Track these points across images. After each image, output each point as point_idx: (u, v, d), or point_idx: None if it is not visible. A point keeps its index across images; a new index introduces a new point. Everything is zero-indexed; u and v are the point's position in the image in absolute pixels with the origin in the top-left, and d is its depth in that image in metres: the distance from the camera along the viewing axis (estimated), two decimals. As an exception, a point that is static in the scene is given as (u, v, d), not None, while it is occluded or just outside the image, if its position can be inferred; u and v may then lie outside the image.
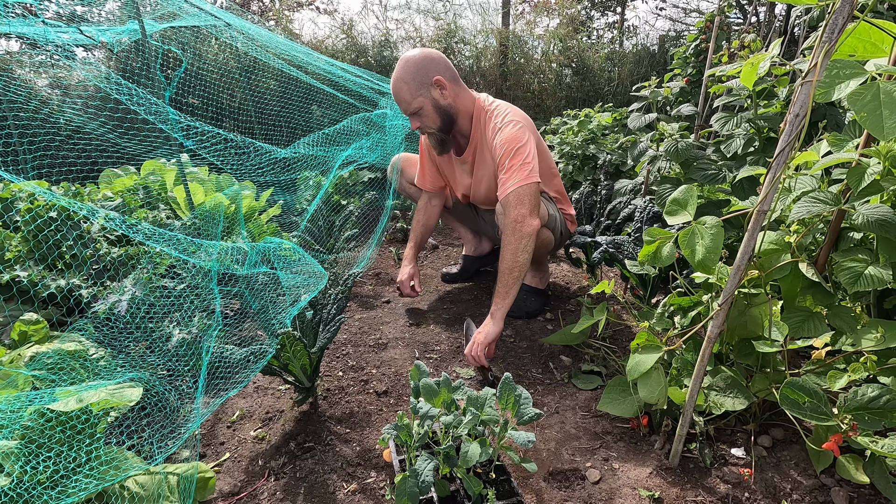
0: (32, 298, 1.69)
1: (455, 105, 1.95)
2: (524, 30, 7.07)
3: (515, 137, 1.85)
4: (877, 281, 1.11)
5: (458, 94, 1.96)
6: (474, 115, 2.01)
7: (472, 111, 2.00)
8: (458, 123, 2.00)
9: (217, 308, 1.55)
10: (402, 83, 1.88)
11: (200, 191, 2.54)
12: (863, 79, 0.92)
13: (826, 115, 1.85)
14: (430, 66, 1.88)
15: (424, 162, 2.32)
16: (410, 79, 1.87)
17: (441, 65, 1.91)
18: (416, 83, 1.87)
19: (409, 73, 1.87)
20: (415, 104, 1.90)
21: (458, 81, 1.96)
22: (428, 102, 1.90)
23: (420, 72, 1.87)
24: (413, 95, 1.88)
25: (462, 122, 2.01)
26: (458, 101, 1.96)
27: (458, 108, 1.97)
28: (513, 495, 1.12)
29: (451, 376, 1.74)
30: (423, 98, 1.89)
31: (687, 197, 1.22)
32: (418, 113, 1.92)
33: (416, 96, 1.88)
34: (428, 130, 2.00)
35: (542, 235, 2.04)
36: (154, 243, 1.44)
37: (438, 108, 1.92)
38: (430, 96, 1.89)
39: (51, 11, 3.05)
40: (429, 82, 1.88)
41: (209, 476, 1.15)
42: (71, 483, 0.89)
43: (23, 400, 0.95)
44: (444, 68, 1.91)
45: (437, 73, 1.88)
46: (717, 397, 1.28)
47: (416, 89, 1.87)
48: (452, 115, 1.96)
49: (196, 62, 4.31)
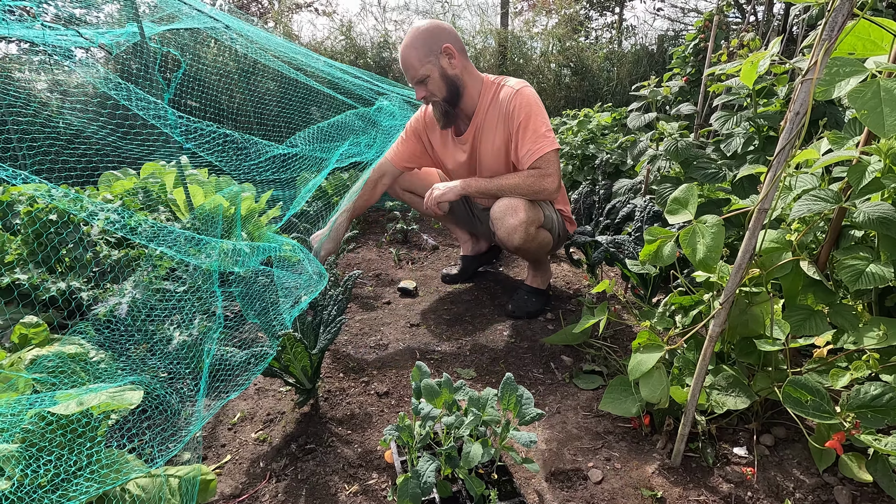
0: (33, 301, 1.69)
1: (462, 78, 1.94)
2: (523, 30, 7.08)
3: (536, 102, 1.89)
4: (878, 279, 1.11)
5: (466, 68, 1.95)
6: (482, 92, 1.99)
7: (479, 88, 1.99)
8: (463, 98, 1.98)
9: (219, 310, 1.55)
10: (411, 49, 1.87)
11: (200, 193, 2.53)
12: (863, 76, 0.92)
13: (826, 113, 1.85)
14: (440, 35, 1.87)
15: (404, 138, 2.26)
16: (420, 45, 1.86)
17: (451, 34, 1.90)
18: (425, 49, 1.86)
19: (418, 39, 1.86)
20: (422, 71, 1.88)
21: (466, 55, 1.95)
22: (436, 70, 1.89)
23: (430, 39, 1.86)
24: (421, 62, 1.87)
25: (467, 100, 1.99)
26: (466, 75, 1.95)
27: (465, 82, 1.95)
28: (515, 496, 1.12)
29: (453, 377, 1.74)
30: (431, 65, 1.88)
31: (687, 196, 1.22)
32: (424, 81, 1.91)
33: (424, 63, 1.87)
34: (433, 100, 1.98)
35: (541, 237, 2.03)
36: (156, 245, 1.43)
37: (446, 78, 1.91)
38: (438, 64, 1.88)
39: (49, 14, 3.05)
40: (438, 50, 1.87)
41: (210, 478, 1.15)
42: (72, 486, 0.89)
43: (23, 403, 0.95)
44: (454, 38, 1.90)
45: (446, 42, 1.87)
46: (719, 396, 1.28)
47: (424, 56, 1.86)
48: (459, 86, 1.94)
49: (195, 64, 4.31)
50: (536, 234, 1.99)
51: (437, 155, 2.25)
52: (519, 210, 1.90)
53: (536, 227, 1.98)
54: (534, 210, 1.95)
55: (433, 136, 2.20)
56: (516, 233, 1.91)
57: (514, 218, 1.90)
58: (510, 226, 1.91)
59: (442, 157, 2.24)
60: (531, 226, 1.94)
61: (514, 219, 1.90)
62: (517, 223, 1.90)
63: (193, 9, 2.71)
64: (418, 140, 2.24)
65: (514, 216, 1.90)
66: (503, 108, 1.94)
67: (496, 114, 1.97)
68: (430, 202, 2.02)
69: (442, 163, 2.26)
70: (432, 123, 2.16)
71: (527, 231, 1.92)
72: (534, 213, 1.94)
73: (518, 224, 1.90)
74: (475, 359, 1.86)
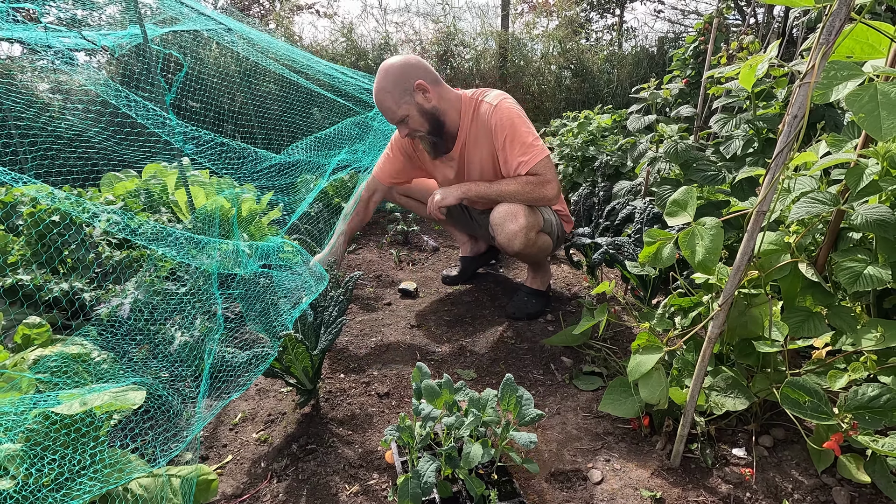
0: (36, 302, 1.70)
1: (440, 107, 1.94)
2: (523, 32, 7.10)
3: (517, 114, 1.91)
4: (876, 280, 1.12)
5: (442, 95, 1.95)
6: (462, 110, 2.00)
7: (458, 108, 1.99)
8: (446, 125, 1.98)
9: (220, 311, 1.56)
10: (385, 93, 1.86)
11: (202, 194, 2.54)
12: (860, 80, 0.93)
13: (825, 115, 1.86)
14: (409, 72, 1.87)
15: (390, 156, 2.26)
16: (392, 87, 1.85)
17: (420, 69, 1.89)
18: (398, 91, 1.86)
19: (390, 82, 1.86)
20: (400, 112, 1.88)
21: (439, 83, 1.95)
22: (413, 108, 1.89)
23: (401, 79, 1.85)
24: (398, 103, 1.87)
25: (449, 125, 1.99)
26: (443, 103, 1.95)
27: (443, 109, 1.95)
28: (515, 496, 1.13)
29: (453, 378, 1.75)
30: (408, 105, 1.88)
31: (687, 198, 1.23)
32: (405, 121, 1.92)
33: (400, 104, 1.87)
34: (418, 135, 1.99)
35: (541, 241, 2.04)
36: (157, 246, 1.44)
37: (424, 113, 1.91)
38: (414, 102, 1.88)
39: (52, 16, 3.06)
40: (411, 88, 1.86)
41: (212, 478, 1.16)
42: (75, 486, 0.89)
43: (27, 403, 0.96)
44: (424, 72, 1.90)
45: (417, 78, 1.87)
46: (718, 397, 1.29)
47: (399, 97, 1.86)
48: (439, 116, 1.95)
49: (197, 66, 4.33)
50: (536, 238, 2.00)
51: (427, 168, 2.26)
52: (519, 216, 1.91)
53: (536, 232, 1.99)
54: (533, 215, 1.96)
55: (420, 153, 2.20)
56: (516, 238, 1.92)
57: (514, 224, 1.91)
58: (510, 231, 1.92)
59: (431, 172, 2.26)
60: (531, 231, 1.95)
61: (515, 224, 1.91)
62: (517, 229, 1.91)
63: (195, 11, 2.73)
64: (404, 155, 2.24)
65: (515, 222, 1.91)
66: (485, 124, 1.95)
67: (479, 130, 1.99)
68: (431, 207, 2.03)
69: (433, 175, 2.28)
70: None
71: (527, 236, 1.93)
72: (533, 218, 1.95)
73: (518, 230, 1.91)
74: (475, 360, 1.86)
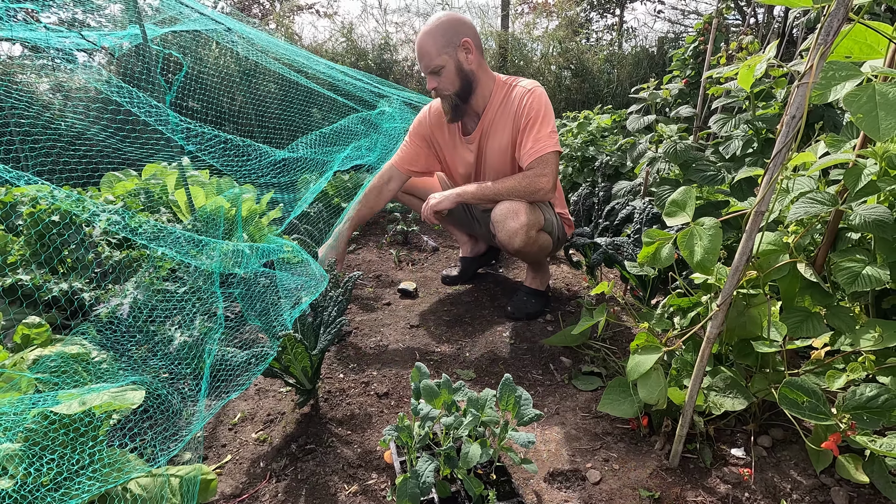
0: (35, 302, 1.70)
1: (476, 74, 1.93)
2: (523, 32, 7.10)
3: (547, 103, 1.91)
4: (874, 281, 1.12)
5: (482, 65, 1.94)
6: (493, 91, 1.99)
7: (491, 87, 1.99)
8: (474, 95, 1.97)
9: (220, 311, 1.56)
10: (429, 37, 1.85)
11: (201, 194, 2.54)
12: (858, 80, 0.93)
13: (823, 116, 1.86)
14: (460, 28, 1.87)
15: (408, 142, 2.24)
16: (440, 34, 1.85)
17: (472, 29, 1.90)
18: (443, 39, 1.85)
19: (438, 28, 1.85)
20: (438, 60, 1.87)
21: (482, 53, 1.95)
22: (451, 62, 1.88)
23: (450, 30, 1.85)
24: (438, 51, 1.86)
25: (478, 97, 1.98)
26: (480, 72, 1.94)
27: (478, 78, 1.94)
28: (513, 496, 1.13)
29: (452, 378, 1.75)
30: (448, 56, 1.87)
31: (686, 198, 1.23)
32: (438, 72, 1.90)
33: (440, 52, 1.86)
34: (444, 93, 1.97)
35: (542, 240, 2.04)
36: (157, 246, 1.44)
37: (460, 72, 1.90)
38: (455, 56, 1.87)
39: (53, 16, 3.06)
40: (457, 42, 1.86)
41: (211, 478, 1.16)
42: (74, 485, 0.89)
43: (26, 402, 0.96)
44: (474, 34, 1.90)
45: (466, 36, 1.87)
46: (717, 398, 1.29)
47: (442, 46, 1.85)
48: (472, 82, 1.94)
49: (197, 66, 4.33)
50: (537, 237, 2.00)
51: (445, 155, 2.23)
52: (520, 213, 1.91)
53: (537, 231, 1.99)
54: (534, 213, 1.96)
55: (440, 136, 2.18)
56: (517, 236, 1.92)
57: (515, 221, 1.91)
58: (511, 229, 1.92)
59: (450, 158, 2.22)
60: (532, 229, 1.95)
61: (516, 222, 1.91)
62: (518, 226, 1.91)
63: (195, 11, 2.73)
64: (423, 142, 2.22)
65: (516, 219, 1.91)
66: (514, 105, 1.94)
67: (506, 113, 1.98)
68: (426, 212, 2.03)
69: (450, 163, 2.24)
70: (438, 122, 2.15)
71: (528, 234, 1.93)
72: (534, 216, 1.95)
73: (519, 227, 1.91)
74: (474, 360, 1.86)
